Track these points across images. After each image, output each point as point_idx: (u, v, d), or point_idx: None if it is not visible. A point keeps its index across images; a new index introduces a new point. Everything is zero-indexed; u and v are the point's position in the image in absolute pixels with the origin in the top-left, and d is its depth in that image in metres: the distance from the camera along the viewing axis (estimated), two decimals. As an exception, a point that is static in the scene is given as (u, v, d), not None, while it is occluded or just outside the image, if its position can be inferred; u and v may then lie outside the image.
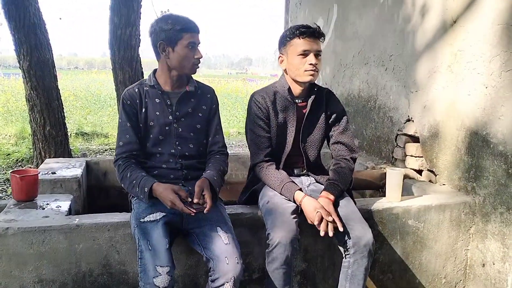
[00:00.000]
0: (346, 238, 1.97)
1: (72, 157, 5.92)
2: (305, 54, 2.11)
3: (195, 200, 1.85)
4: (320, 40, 2.16)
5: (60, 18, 10.68)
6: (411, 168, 3.02)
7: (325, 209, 1.93)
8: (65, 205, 2.24)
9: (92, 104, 13.03)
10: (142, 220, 1.87)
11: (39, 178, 2.33)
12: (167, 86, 2.08)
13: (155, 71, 2.10)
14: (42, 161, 5.91)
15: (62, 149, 6.00)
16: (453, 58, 2.60)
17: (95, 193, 3.23)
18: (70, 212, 2.22)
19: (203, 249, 1.87)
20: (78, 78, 20.83)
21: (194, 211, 1.81)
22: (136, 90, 2.07)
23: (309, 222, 1.97)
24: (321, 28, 4.52)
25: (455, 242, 2.47)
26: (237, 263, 1.79)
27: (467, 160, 2.51)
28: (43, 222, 1.96)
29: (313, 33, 2.12)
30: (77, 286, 1.99)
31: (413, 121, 3.03)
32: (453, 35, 2.61)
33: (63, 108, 6.03)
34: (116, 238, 2.01)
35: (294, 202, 2.04)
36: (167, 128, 2.07)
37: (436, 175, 2.81)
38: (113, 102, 13.65)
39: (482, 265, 2.42)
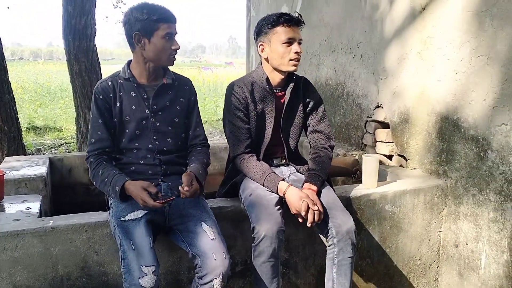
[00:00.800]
0: (329, 227, 1.99)
1: (26, 153, 5.66)
2: (289, 42, 2.08)
3: (186, 188, 1.81)
4: (301, 28, 2.15)
5: (8, 7, 10.09)
6: (381, 154, 3.08)
7: (310, 199, 1.93)
8: (35, 206, 2.12)
9: (42, 97, 12.50)
10: (123, 219, 1.81)
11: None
12: (143, 79, 2.00)
13: (129, 62, 2.02)
14: (-6, 158, 5.62)
15: (15, 145, 5.72)
16: (423, 44, 2.66)
17: (60, 191, 3.10)
18: (41, 213, 2.11)
19: (189, 245, 1.83)
20: (24, 69, 19.81)
21: (161, 201, 1.77)
22: (110, 83, 1.98)
23: (294, 212, 1.97)
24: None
25: (429, 224, 2.55)
26: (225, 258, 1.76)
27: (438, 144, 2.59)
28: (15, 226, 1.85)
29: (298, 21, 2.11)
30: (54, 291, 1.90)
31: (382, 107, 3.08)
32: (422, 22, 2.66)
33: (15, 102, 5.74)
34: (94, 239, 1.93)
35: (277, 193, 2.03)
36: (143, 122, 2.00)
37: (407, 160, 2.88)
38: (64, 94, 13.17)
39: (455, 245, 2.51)
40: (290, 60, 2.10)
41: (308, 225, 1.90)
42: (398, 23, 2.86)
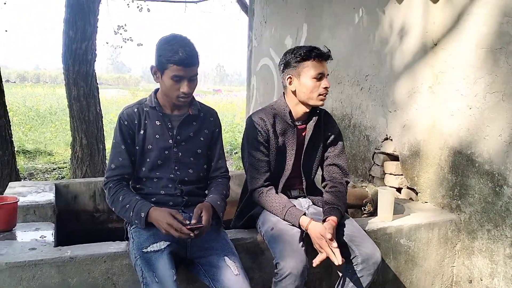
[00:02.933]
0: (355, 254, 1.98)
1: (20, 178, 5.57)
2: (320, 77, 2.10)
3: (193, 221, 1.78)
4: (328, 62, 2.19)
5: (6, 31, 10.08)
6: (390, 186, 3.09)
7: (331, 235, 1.91)
8: (49, 234, 2.07)
9: (32, 120, 12.35)
10: (145, 250, 1.77)
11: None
12: (168, 109, 2.00)
13: (156, 90, 2.01)
14: (-14, 183, 5.48)
15: (9, 169, 5.62)
16: (435, 79, 2.71)
17: (64, 217, 3.03)
18: (56, 242, 2.06)
19: (211, 280, 1.79)
20: (11, 92, 19.64)
21: (191, 233, 1.74)
22: (136, 110, 1.97)
23: (316, 247, 1.95)
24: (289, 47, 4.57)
25: (442, 259, 2.55)
26: None
27: (451, 178, 2.61)
28: (32, 255, 1.79)
29: (328, 56, 2.14)
30: (69, 324, 1.84)
31: (391, 139, 3.12)
32: (434, 57, 2.72)
33: (10, 125, 5.69)
34: (113, 270, 1.88)
35: (299, 227, 2.02)
36: (166, 152, 1.98)
37: (417, 193, 2.90)
38: (54, 118, 13.05)
39: (469, 281, 2.51)
40: (319, 95, 2.12)
41: (339, 263, 1.87)
42: (409, 57, 2.92)
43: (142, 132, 1.96)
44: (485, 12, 2.37)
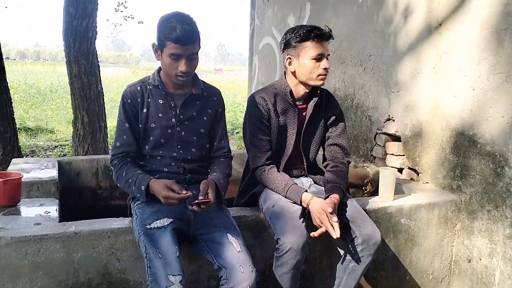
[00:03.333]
0: (355, 235, 2.00)
1: (22, 155, 5.59)
2: (319, 58, 2.08)
3: (200, 198, 1.80)
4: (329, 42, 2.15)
5: (6, 7, 9.98)
6: (392, 166, 3.11)
7: (332, 209, 1.92)
8: (53, 210, 2.09)
9: (32, 98, 12.32)
10: (148, 226, 1.79)
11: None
12: (170, 87, 1.99)
13: (159, 69, 2.00)
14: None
15: (11, 146, 5.64)
16: (439, 60, 2.70)
17: (67, 193, 3.06)
18: (59, 218, 2.08)
19: (214, 257, 1.81)
20: (12, 69, 19.50)
21: (187, 193, 1.77)
22: (138, 88, 1.97)
23: (316, 223, 1.97)
24: (291, 25, 4.52)
25: (442, 239, 2.58)
26: (251, 271, 1.76)
27: (453, 159, 2.62)
28: (37, 230, 1.82)
29: (329, 36, 2.10)
30: (75, 297, 1.87)
31: (394, 120, 3.12)
32: (438, 37, 2.70)
33: (11, 102, 5.68)
34: (117, 245, 1.91)
35: (301, 204, 2.04)
36: (169, 131, 1.99)
37: (418, 174, 2.91)
38: (54, 96, 13.01)
39: (468, 260, 2.54)
40: (319, 75, 2.11)
41: (337, 236, 1.89)
42: (413, 37, 2.90)
43: (145, 110, 1.96)
44: (491, -9, 2.35)
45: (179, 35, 1.79)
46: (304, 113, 2.24)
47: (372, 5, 3.30)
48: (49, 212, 2.05)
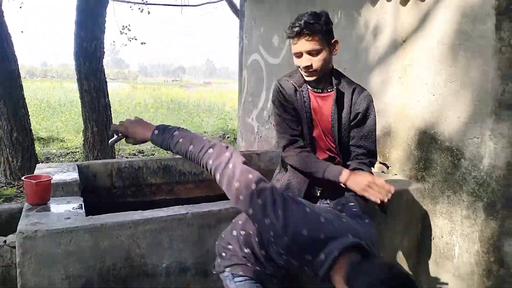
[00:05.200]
0: None
1: (38, 161, 5.57)
2: (298, 56, 1.82)
3: None
4: (316, 35, 1.76)
5: (22, 31, 9.88)
6: (365, 162, 3.20)
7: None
8: (79, 206, 2.13)
9: (43, 111, 12.19)
10: None
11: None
12: None
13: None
14: (10, 166, 5.48)
15: (28, 154, 5.64)
16: (404, 71, 2.81)
17: (86, 193, 3.08)
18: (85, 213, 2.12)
19: None
20: (23, 86, 19.33)
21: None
22: None
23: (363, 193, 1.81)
24: (277, 45, 4.59)
25: (410, 221, 2.68)
26: None
27: (417, 154, 2.73)
28: (68, 223, 1.85)
29: (299, 33, 1.74)
30: (101, 279, 1.91)
31: (366, 123, 3.22)
32: (403, 52, 2.82)
33: (29, 116, 5.67)
34: (137, 234, 1.95)
35: (339, 180, 1.83)
36: None
37: (388, 167, 3.02)
38: (64, 109, 12.89)
39: (432, 238, 2.65)
40: (303, 72, 1.85)
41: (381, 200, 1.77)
42: (381, 52, 3.01)
43: None
44: (447, 12, 2.47)
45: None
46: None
47: (346, 25, 3.40)
48: (76, 208, 2.09)
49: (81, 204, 2.17)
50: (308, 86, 1.92)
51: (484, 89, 2.27)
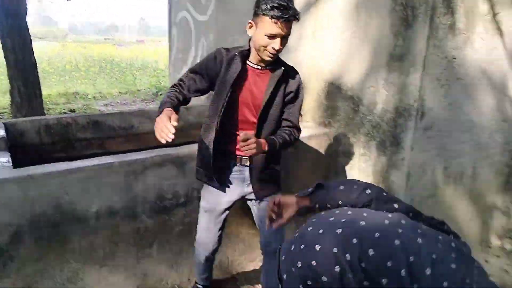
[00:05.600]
0: None
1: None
2: (272, 37, 1.69)
3: None
4: (294, 21, 1.71)
5: None
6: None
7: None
8: (6, 160, 2.15)
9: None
10: None
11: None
12: None
13: None
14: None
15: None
16: (316, 27, 3.00)
17: (13, 150, 3.04)
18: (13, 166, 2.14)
19: None
20: None
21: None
22: None
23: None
24: (204, 2, 4.55)
25: (319, 158, 2.96)
26: None
27: (326, 103, 2.99)
28: (-4, 175, 1.89)
29: (288, 19, 1.67)
30: (32, 226, 1.99)
31: (284, 76, 3.41)
32: (316, 10, 2.99)
33: None
34: (65, 183, 2.03)
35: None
36: None
37: (302, 115, 3.27)
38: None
39: (335, 174, 2.97)
40: (268, 52, 1.74)
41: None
42: (298, 9, 3.16)
43: None
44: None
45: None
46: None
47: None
48: (3, 162, 2.10)
49: (9, 159, 2.18)
50: (250, 62, 1.87)
51: (380, 44, 2.53)
